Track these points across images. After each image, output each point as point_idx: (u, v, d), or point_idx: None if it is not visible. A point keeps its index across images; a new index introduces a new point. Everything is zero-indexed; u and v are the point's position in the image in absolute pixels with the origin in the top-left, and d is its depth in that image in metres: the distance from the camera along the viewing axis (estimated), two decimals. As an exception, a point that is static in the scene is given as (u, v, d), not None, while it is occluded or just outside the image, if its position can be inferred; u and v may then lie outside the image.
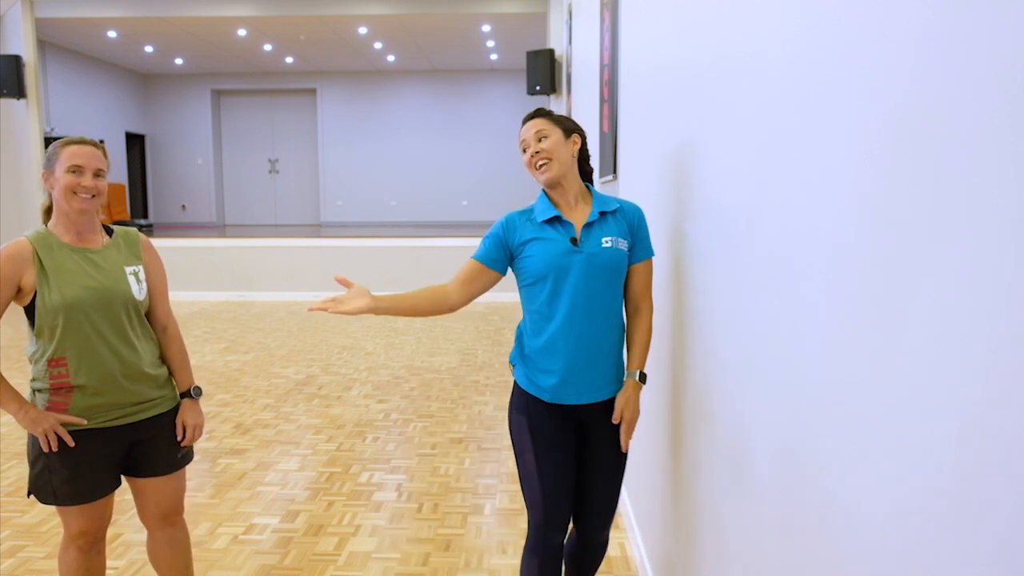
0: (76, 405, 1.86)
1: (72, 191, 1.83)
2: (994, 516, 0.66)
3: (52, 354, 1.83)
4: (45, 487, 1.87)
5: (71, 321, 1.83)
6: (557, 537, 1.89)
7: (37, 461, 1.87)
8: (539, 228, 1.83)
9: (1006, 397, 0.65)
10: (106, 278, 1.89)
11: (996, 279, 0.66)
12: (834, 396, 1.00)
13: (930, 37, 0.77)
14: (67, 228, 1.89)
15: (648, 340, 1.91)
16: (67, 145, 1.86)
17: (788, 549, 1.17)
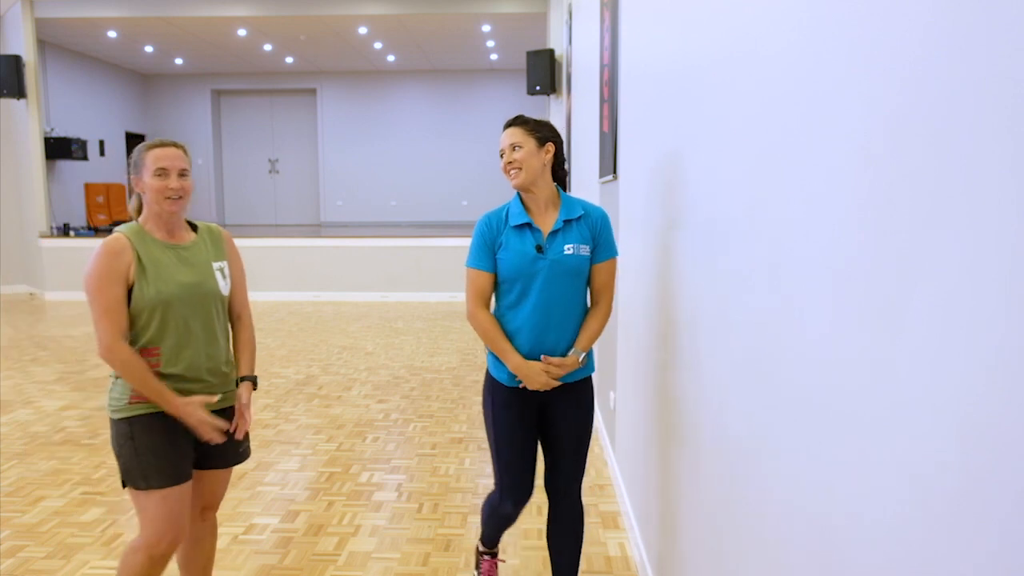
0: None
1: (161, 194, 1.90)
2: (994, 516, 0.66)
3: (146, 342, 1.90)
4: (134, 471, 1.90)
5: (167, 314, 1.91)
6: (513, 507, 2.16)
7: (123, 449, 1.90)
8: (510, 232, 2.05)
9: (1006, 397, 0.65)
10: (197, 275, 1.97)
11: (996, 279, 0.66)
12: (834, 397, 1.00)
13: (930, 39, 0.77)
14: (158, 226, 1.96)
15: (599, 329, 2.11)
16: (151, 149, 1.92)
17: (787, 548, 1.17)
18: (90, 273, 1.85)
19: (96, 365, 5.75)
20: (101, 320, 1.84)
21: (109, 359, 1.86)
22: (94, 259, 1.85)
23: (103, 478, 3.45)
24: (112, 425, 1.95)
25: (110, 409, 1.95)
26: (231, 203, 15.31)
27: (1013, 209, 0.64)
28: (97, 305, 1.84)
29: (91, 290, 1.85)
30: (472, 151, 14.42)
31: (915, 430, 0.80)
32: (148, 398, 1.90)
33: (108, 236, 1.91)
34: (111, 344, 1.84)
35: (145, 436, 1.91)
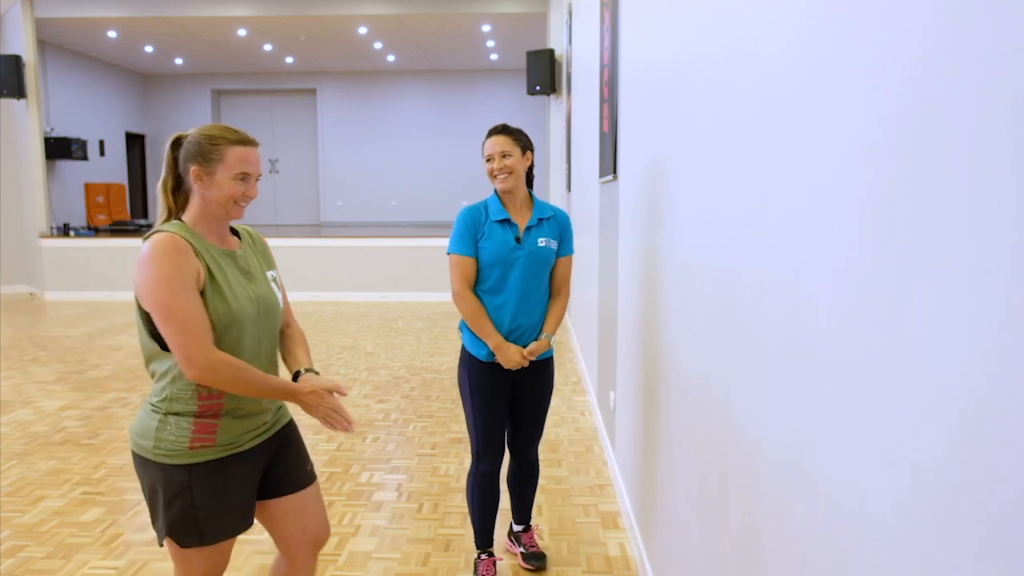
0: (223, 434, 1.62)
1: (236, 201, 1.63)
2: (994, 515, 0.66)
3: None
4: (188, 527, 1.60)
5: (242, 333, 1.61)
6: (488, 466, 2.46)
7: (175, 500, 1.59)
8: (491, 226, 2.36)
9: (1006, 396, 0.65)
10: (259, 287, 1.69)
11: (996, 278, 0.66)
12: (834, 396, 1.00)
13: (930, 39, 0.77)
14: (211, 229, 1.65)
15: (561, 315, 2.47)
16: (233, 144, 1.61)
17: (787, 547, 1.17)
18: (156, 279, 1.49)
19: (96, 365, 5.75)
20: (187, 331, 1.49)
21: (214, 373, 1.51)
22: (154, 261, 1.50)
23: (103, 478, 3.45)
24: (157, 470, 1.59)
25: (158, 451, 1.58)
26: (231, 203, 15.29)
27: (1013, 208, 0.64)
28: (178, 314, 1.49)
29: (164, 298, 1.48)
30: (472, 151, 14.41)
31: (915, 429, 0.80)
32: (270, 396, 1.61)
33: (156, 235, 1.54)
34: (209, 356, 1.50)
35: (207, 486, 1.59)
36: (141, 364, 5.77)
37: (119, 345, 6.53)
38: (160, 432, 1.58)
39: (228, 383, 1.54)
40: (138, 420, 1.65)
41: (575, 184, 6.32)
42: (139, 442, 1.61)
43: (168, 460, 1.58)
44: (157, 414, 1.60)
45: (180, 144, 1.64)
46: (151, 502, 1.63)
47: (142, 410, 1.65)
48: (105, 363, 5.82)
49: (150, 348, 1.61)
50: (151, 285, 1.50)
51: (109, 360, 5.93)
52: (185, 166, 1.61)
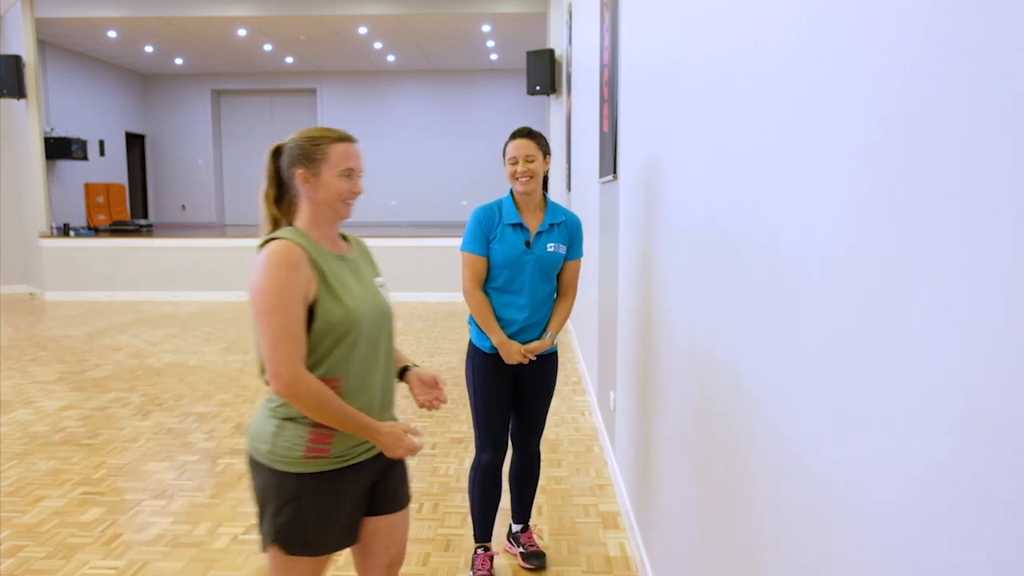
0: (337, 445, 1.59)
1: (344, 199, 1.63)
2: (993, 515, 0.66)
3: (325, 372, 1.56)
4: (295, 536, 1.57)
5: (359, 338, 1.59)
6: (490, 459, 2.53)
7: (284, 508, 1.56)
8: (504, 228, 2.44)
9: (1006, 396, 0.65)
10: (372, 292, 1.67)
11: (996, 278, 0.66)
12: (834, 398, 1.00)
13: (930, 39, 0.77)
14: (323, 233, 1.63)
15: (566, 316, 2.54)
16: (335, 142, 1.62)
17: (787, 547, 1.17)
18: (264, 288, 1.49)
19: (96, 365, 5.75)
20: (280, 345, 1.48)
21: (295, 392, 1.49)
22: (267, 271, 1.50)
23: (103, 478, 3.45)
24: (269, 475, 1.57)
25: (272, 457, 1.56)
26: (231, 203, 15.31)
27: (1013, 208, 0.64)
28: (275, 327, 1.48)
29: (266, 309, 1.49)
30: (472, 151, 14.42)
31: (916, 430, 0.80)
32: (347, 430, 1.56)
33: (273, 243, 1.54)
34: (296, 374, 1.48)
35: (315, 497, 1.57)
36: (141, 364, 5.77)
37: (119, 345, 6.53)
38: (276, 437, 1.56)
39: (308, 404, 1.51)
40: (256, 422, 1.62)
41: (575, 184, 6.32)
42: (255, 445, 1.59)
43: (280, 467, 1.56)
44: (275, 419, 1.58)
45: (280, 153, 1.64)
46: (260, 505, 1.60)
47: (260, 412, 1.63)
48: (105, 363, 5.82)
49: None
50: (257, 293, 1.50)
51: (109, 360, 5.93)
52: (290, 171, 1.61)
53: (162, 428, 4.19)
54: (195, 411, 4.53)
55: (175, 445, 3.91)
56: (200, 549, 2.77)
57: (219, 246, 9.55)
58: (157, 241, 9.54)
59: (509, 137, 2.48)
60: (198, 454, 3.77)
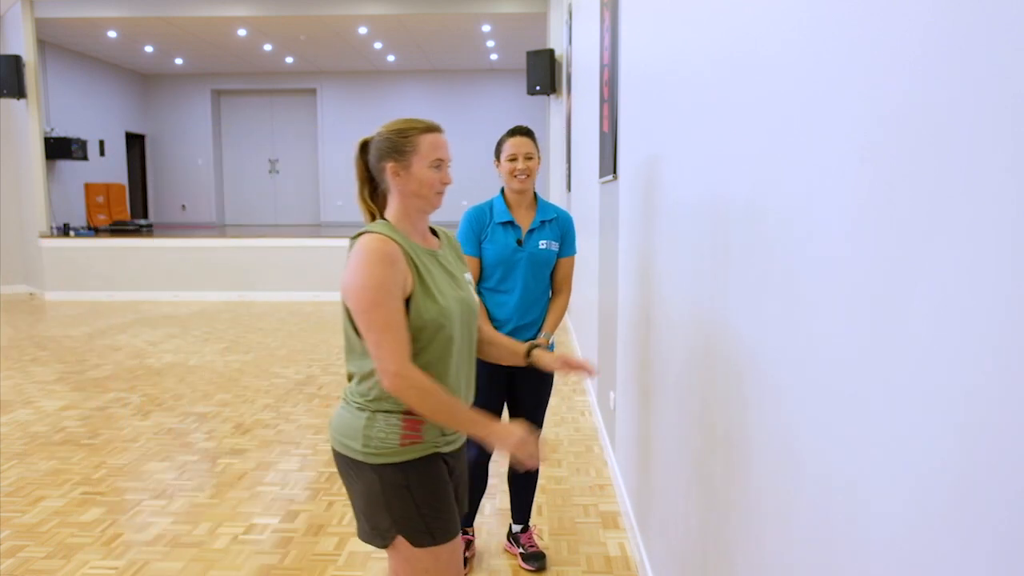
0: (429, 431, 1.58)
1: (436, 190, 1.60)
2: (994, 515, 0.66)
3: (416, 365, 1.54)
4: (416, 526, 1.55)
5: (448, 335, 1.57)
6: (478, 455, 2.51)
7: (395, 500, 1.54)
8: (495, 228, 2.46)
9: (1006, 396, 0.65)
10: (461, 287, 1.65)
11: (996, 278, 0.66)
12: (834, 399, 1.00)
13: (930, 39, 0.77)
14: (414, 227, 1.62)
15: (562, 314, 2.56)
16: (424, 132, 1.59)
17: (787, 547, 1.17)
18: (364, 284, 1.47)
19: (96, 365, 5.75)
20: (384, 342, 1.46)
21: (401, 387, 1.47)
22: (364, 267, 1.48)
23: (103, 478, 3.45)
24: (370, 471, 1.54)
25: (368, 450, 1.53)
26: (231, 203, 15.31)
27: (1013, 208, 0.64)
28: (378, 324, 1.46)
29: (367, 307, 1.47)
30: (472, 151, 14.40)
31: (915, 428, 0.80)
32: (455, 426, 1.53)
33: (367, 238, 1.52)
34: (401, 369, 1.46)
35: (424, 484, 1.55)
36: (141, 364, 5.77)
37: (119, 345, 6.53)
38: (368, 430, 1.54)
39: (417, 399, 1.48)
40: (339, 421, 1.60)
41: (575, 184, 6.33)
42: (345, 442, 1.56)
43: (380, 459, 1.53)
44: (364, 412, 1.55)
45: (367, 148, 1.63)
46: (368, 505, 1.56)
47: (342, 410, 1.61)
48: (105, 363, 5.82)
49: (355, 346, 1.57)
50: (358, 291, 1.48)
51: (109, 360, 5.93)
52: (380, 166, 1.60)
53: (162, 428, 4.19)
54: (195, 411, 4.53)
55: (175, 445, 3.91)
56: (200, 549, 2.77)
57: (219, 246, 9.55)
58: (157, 241, 9.54)
59: (506, 134, 2.49)
60: (198, 454, 3.77)
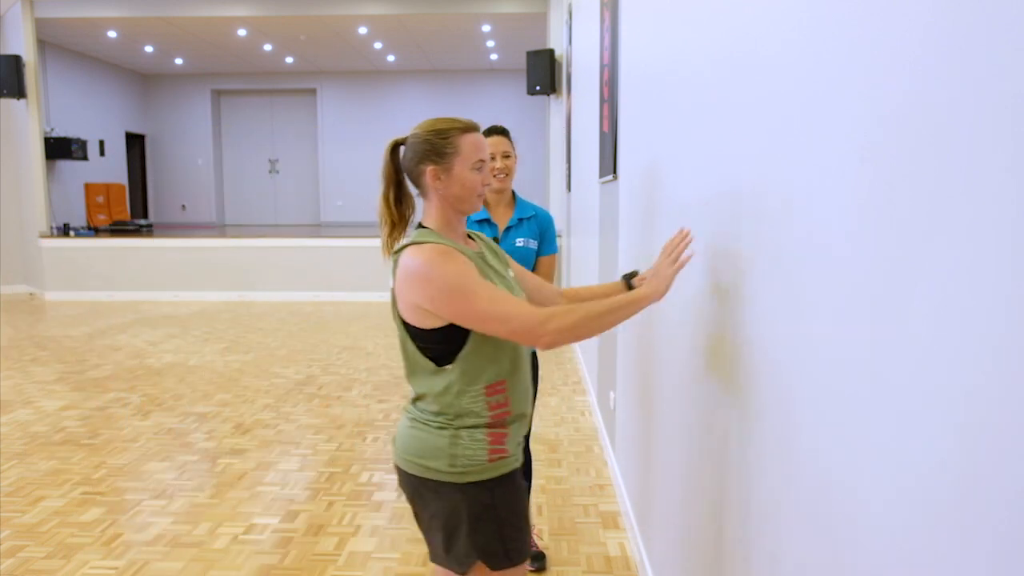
0: (511, 442, 1.52)
1: (478, 193, 1.52)
2: (994, 515, 0.66)
3: (491, 379, 1.47)
4: (497, 548, 1.49)
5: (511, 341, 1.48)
6: None
7: (481, 521, 1.47)
8: (471, 226, 2.40)
9: (1006, 396, 0.65)
10: (512, 286, 1.58)
11: (996, 278, 0.66)
12: (833, 396, 1.00)
13: (930, 39, 0.77)
14: (457, 233, 1.54)
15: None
16: (465, 132, 1.50)
17: (787, 546, 1.17)
18: (446, 284, 1.37)
19: (96, 365, 5.75)
20: (510, 318, 1.35)
21: (556, 338, 1.34)
22: (434, 269, 1.39)
23: (103, 478, 3.45)
24: (455, 491, 1.46)
25: (455, 470, 1.46)
26: (231, 203, 15.31)
27: (1013, 208, 0.64)
28: (487, 312, 1.36)
29: (462, 298, 1.37)
30: (472, 151, 14.39)
31: (915, 428, 0.80)
32: (623, 317, 1.40)
33: (414, 248, 1.44)
34: (540, 319, 1.34)
35: (507, 501, 1.50)
36: (141, 364, 5.77)
37: (119, 345, 6.53)
38: (454, 449, 1.46)
39: (580, 331, 1.37)
40: (415, 442, 1.50)
41: (575, 184, 6.32)
42: (426, 463, 1.48)
43: (468, 478, 1.46)
44: (446, 431, 1.47)
45: (399, 149, 1.55)
46: (448, 528, 1.49)
47: (415, 431, 1.51)
48: (105, 363, 5.82)
49: (422, 366, 1.48)
50: (445, 295, 1.38)
51: (109, 360, 5.93)
52: (417, 169, 1.51)
53: (162, 428, 4.19)
54: (195, 411, 4.53)
55: (175, 445, 3.91)
56: (200, 549, 2.77)
57: (219, 246, 9.55)
58: (157, 241, 9.54)
59: (482, 134, 2.43)
60: (198, 454, 3.77)
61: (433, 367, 1.48)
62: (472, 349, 1.45)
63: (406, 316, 1.47)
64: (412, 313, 1.45)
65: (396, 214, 1.57)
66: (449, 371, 1.46)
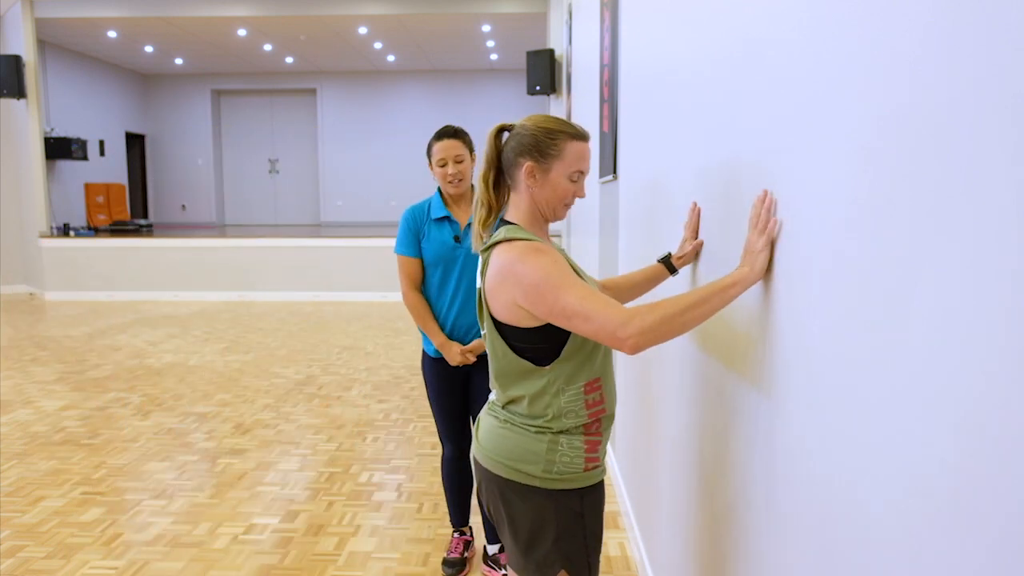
0: (602, 452, 1.50)
1: (566, 203, 1.49)
2: (993, 515, 0.66)
3: (588, 376, 1.44)
4: (582, 559, 1.47)
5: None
6: (450, 451, 2.57)
7: (569, 530, 1.45)
8: (431, 224, 2.42)
9: (1007, 396, 0.65)
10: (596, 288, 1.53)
11: (997, 278, 0.66)
12: (833, 397, 1.00)
13: (931, 39, 0.77)
14: (544, 231, 1.52)
15: None
16: (573, 139, 1.45)
17: (787, 546, 1.17)
18: (538, 279, 1.34)
19: (96, 365, 5.75)
20: (594, 317, 1.29)
21: (641, 340, 1.25)
22: (526, 264, 1.36)
23: (103, 478, 3.45)
24: (547, 497, 1.44)
25: (549, 476, 1.43)
26: (231, 203, 15.31)
27: (1014, 208, 0.64)
28: (574, 309, 1.30)
29: (552, 293, 1.32)
30: (472, 151, 14.39)
31: (915, 428, 0.80)
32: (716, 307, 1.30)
33: (505, 245, 1.41)
34: (621, 320, 1.26)
35: (596, 512, 1.47)
36: (141, 364, 5.77)
37: (119, 345, 6.53)
38: (552, 455, 1.43)
39: (664, 332, 1.27)
40: (508, 444, 1.47)
41: (575, 184, 6.31)
42: (519, 467, 1.44)
43: (561, 485, 1.44)
44: (544, 435, 1.43)
45: (504, 134, 1.52)
46: (534, 534, 1.45)
47: (509, 432, 1.47)
48: (105, 363, 5.82)
49: (519, 367, 1.44)
50: (536, 289, 1.34)
51: (109, 360, 5.93)
52: (515, 160, 1.47)
53: (162, 428, 4.19)
54: (195, 411, 4.53)
55: (175, 445, 3.91)
56: (200, 549, 2.77)
57: (219, 246, 9.55)
58: (157, 241, 9.54)
59: (434, 137, 2.39)
60: (198, 454, 3.77)
61: (530, 367, 1.44)
62: (573, 347, 1.42)
63: (501, 316, 1.43)
64: (509, 312, 1.41)
65: (494, 199, 1.51)
66: (548, 371, 1.43)
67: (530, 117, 1.50)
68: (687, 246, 1.74)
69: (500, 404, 1.52)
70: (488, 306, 1.46)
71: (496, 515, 1.53)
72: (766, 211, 1.23)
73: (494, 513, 1.54)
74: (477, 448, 1.55)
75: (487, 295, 1.45)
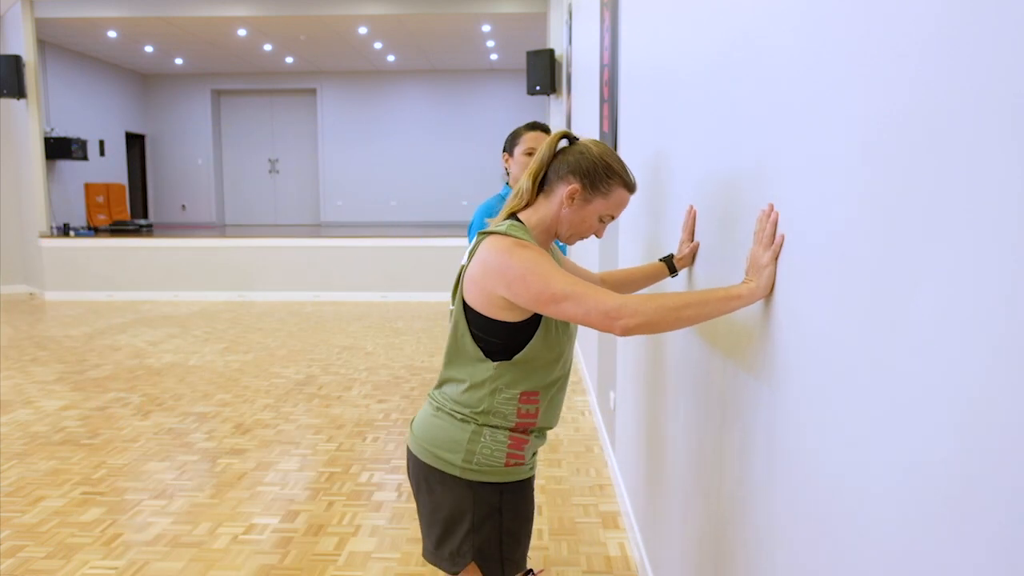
0: (528, 452, 1.53)
1: (583, 236, 1.52)
2: (993, 515, 0.66)
3: (530, 387, 1.47)
4: (494, 552, 1.48)
5: (567, 352, 1.51)
6: None
7: (484, 522, 1.47)
8: None
9: (1007, 396, 0.65)
10: None
11: (997, 277, 0.66)
12: (834, 396, 1.00)
13: (931, 38, 0.77)
14: (543, 243, 1.53)
15: None
16: (623, 187, 1.48)
17: (787, 546, 1.17)
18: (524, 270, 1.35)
19: (96, 365, 5.75)
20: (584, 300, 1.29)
21: (631, 323, 1.26)
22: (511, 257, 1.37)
23: (103, 478, 3.45)
24: (465, 488, 1.46)
25: (468, 467, 1.46)
26: (231, 203, 15.31)
27: (1015, 208, 0.64)
28: (563, 295, 1.31)
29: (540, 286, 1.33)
30: (472, 151, 14.41)
31: (915, 429, 0.80)
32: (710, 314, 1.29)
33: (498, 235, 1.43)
34: (617, 302, 1.27)
35: (515, 509, 1.50)
36: (141, 364, 5.77)
37: (119, 345, 6.53)
38: (473, 445, 1.46)
39: (656, 320, 1.27)
40: (433, 430, 1.50)
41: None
42: (439, 454, 1.48)
43: (480, 477, 1.46)
44: (468, 424, 1.47)
45: (565, 142, 1.52)
46: (448, 524, 1.49)
47: (435, 418, 1.51)
48: (105, 363, 5.82)
49: (470, 352, 1.47)
50: (522, 278, 1.35)
51: (109, 360, 5.93)
52: (565, 175, 1.47)
53: (162, 428, 4.19)
54: (195, 411, 4.53)
55: (175, 445, 3.91)
56: (200, 549, 2.77)
57: (219, 246, 9.54)
58: (157, 241, 9.53)
59: (525, 127, 2.46)
60: (198, 454, 3.77)
61: (480, 356, 1.46)
62: (529, 355, 1.44)
63: (475, 303, 1.44)
64: (486, 301, 1.42)
65: (534, 196, 1.52)
66: (494, 367, 1.45)
67: (597, 143, 1.51)
68: (684, 248, 1.77)
69: (438, 383, 1.55)
70: (464, 288, 1.48)
71: (417, 501, 1.56)
72: (772, 225, 1.22)
73: (416, 499, 1.57)
74: (409, 434, 1.59)
75: (465, 279, 1.48)
